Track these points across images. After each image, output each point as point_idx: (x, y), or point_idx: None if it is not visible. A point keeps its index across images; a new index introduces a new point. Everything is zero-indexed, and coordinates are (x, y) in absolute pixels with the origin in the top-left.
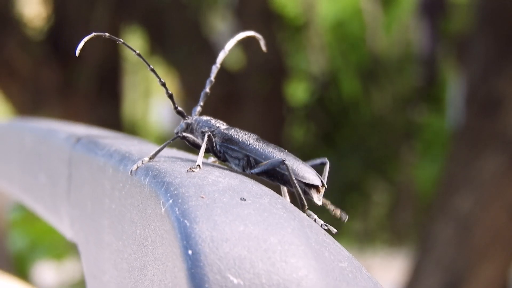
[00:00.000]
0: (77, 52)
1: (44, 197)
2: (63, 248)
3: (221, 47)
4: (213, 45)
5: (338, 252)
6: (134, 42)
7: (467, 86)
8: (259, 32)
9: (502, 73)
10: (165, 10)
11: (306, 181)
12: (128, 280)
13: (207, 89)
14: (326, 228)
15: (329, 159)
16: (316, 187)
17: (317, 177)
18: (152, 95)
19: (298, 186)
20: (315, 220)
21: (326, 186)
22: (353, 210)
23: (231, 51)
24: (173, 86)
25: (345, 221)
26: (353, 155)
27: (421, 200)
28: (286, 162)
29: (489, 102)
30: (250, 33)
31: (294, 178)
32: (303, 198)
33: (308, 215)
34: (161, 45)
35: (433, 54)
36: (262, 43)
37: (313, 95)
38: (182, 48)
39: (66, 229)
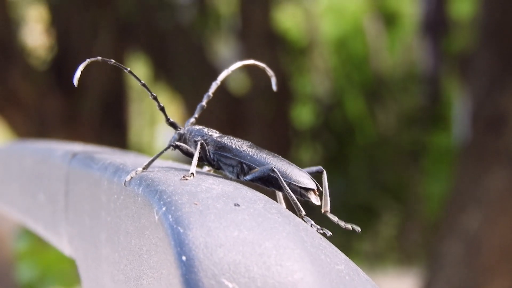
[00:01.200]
0: (75, 81)
1: (43, 216)
2: (72, 277)
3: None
4: (217, 69)
5: (334, 255)
6: (138, 69)
7: (471, 103)
8: (262, 56)
9: (506, 89)
10: (168, 37)
11: (300, 185)
12: None
13: (204, 103)
14: (322, 232)
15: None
16: (312, 191)
17: (311, 181)
18: (158, 123)
19: (290, 192)
20: (311, 225)
21: (321, 189)
22: (362, 230)
23: (234, 72)
24: (178, 111)
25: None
26: (361, 176)
27: (429, 218)
28: (275, 169)
29: (494, 119)
30: (262, 65)
31: (285, 184)
32: (298, 203)
33: (305, 221)
34: (165, 71)
35: (436, 72)
36: (273, 81)
37: (318, 117)
38: (186, 73)
39: (65, 246)
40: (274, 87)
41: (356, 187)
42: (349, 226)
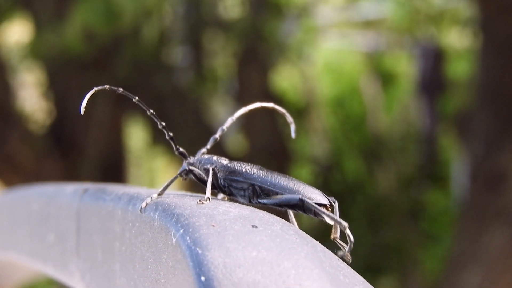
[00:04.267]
0: (82, 110)
1: (53, 256)
2: None
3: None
4: (214, 131)
5: (352, 276)
6: (136, 133)
7: (470, 162)
8: (260, 117)
9: (504, 148)
10: (166, 99)
11: (313, 201)
12: None
13: (217, 136)
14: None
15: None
16: (325, 207)
17: (324, 197)
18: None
19: (321, 213)
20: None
21: (334, 205)
22: None
23: (232, 132)
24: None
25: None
26: (361, 237)
27: (429, 278)
28: (304, 198)
29: (493, 178)
30: (281, 110)
31: (321, 210)
32: (338, 219)
33: (347, 234)
34: (163, 134)
35: (433, 131)
36: (293, 128)
37: (317, 178)
38: (184, 135)
39: (77, 283)
40: (293, 134)
41: (356, 249)
42: (347, 253)
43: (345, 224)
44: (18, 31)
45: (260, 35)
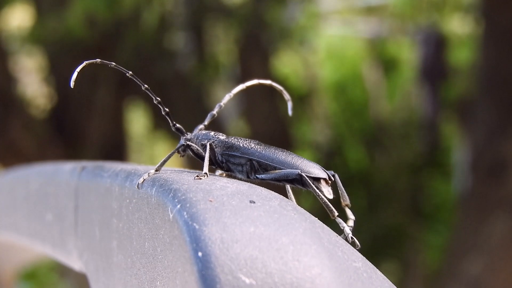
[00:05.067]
0: (72, 83)
1: (51, 235)
2: None
3: (224, 118)
4: (216, 117)
5: (351, 252)
6: (137, 119)
7: (471, 151)
8: (262, 103)
9: (506, 137)
10: (167, 85)
11: (312, 175)
12: None
13: (215, 112)
14: (352, 240)
15: (337, 229)
16: (324, 181)
17: (322, 171)
18: None
19: (320, 193)
20: (343, 229)
21: (333, 179)
22: None
23: (233, 120)
24: (178, 160)
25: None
26: (361, 224)
27: (430, 266)
28: (303, 174)
29: (495, 167)
30: (279, 87)
31: (316, 188)
32: (329, 204)
33: (338, 222)
34: (164, 119)
35: (435, 118)
36: (290, 105)
37: (318, 164)
38: (185, 121)
39: (75, 261)
40: (290, 112)
41: (357, 235)
42: (350, 235)
43: (335, 213)
44: (20, 16)
45: (262, 21)
